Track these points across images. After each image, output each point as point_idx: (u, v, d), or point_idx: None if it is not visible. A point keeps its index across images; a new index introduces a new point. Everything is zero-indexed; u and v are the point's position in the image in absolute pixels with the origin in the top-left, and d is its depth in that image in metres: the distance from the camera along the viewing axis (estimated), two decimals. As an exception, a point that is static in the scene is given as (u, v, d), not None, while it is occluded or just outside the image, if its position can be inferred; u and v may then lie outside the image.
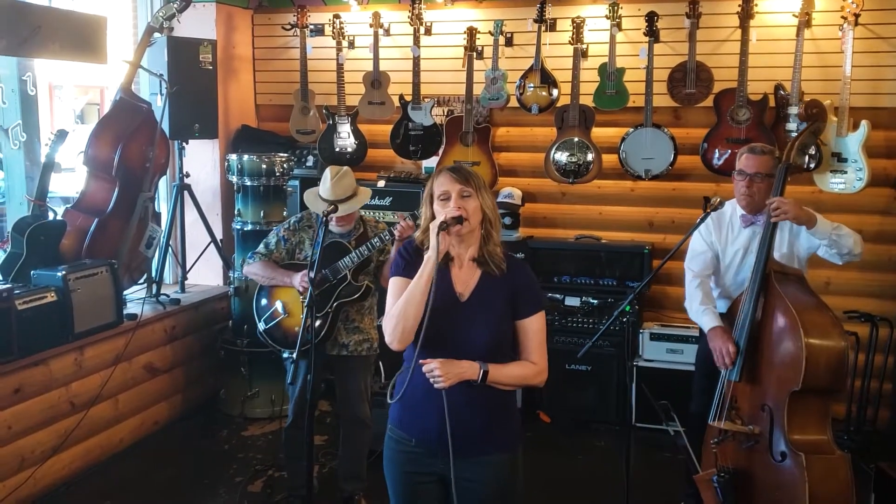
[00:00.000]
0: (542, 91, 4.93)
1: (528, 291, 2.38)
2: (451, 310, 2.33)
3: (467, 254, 2.38)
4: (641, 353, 4.81)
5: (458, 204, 2.29)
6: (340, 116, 5.25)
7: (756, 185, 3.33)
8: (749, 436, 3.11)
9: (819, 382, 2.99)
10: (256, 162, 4.82)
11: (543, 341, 2.39)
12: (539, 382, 2.40)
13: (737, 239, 3.45)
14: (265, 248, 3.70)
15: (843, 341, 3.03)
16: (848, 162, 4.47)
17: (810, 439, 3.03)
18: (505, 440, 2.40)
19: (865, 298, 4.70)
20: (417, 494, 2.41)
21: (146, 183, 4.54)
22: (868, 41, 4.54)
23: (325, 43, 5.36)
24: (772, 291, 3.12)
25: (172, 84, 4.65)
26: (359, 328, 3.69)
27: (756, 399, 3.12)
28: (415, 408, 2.37)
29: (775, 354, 3.07)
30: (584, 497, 4.02)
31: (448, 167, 2.38)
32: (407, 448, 2.40)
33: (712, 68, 4.71)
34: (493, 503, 2.39)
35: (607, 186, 5.12)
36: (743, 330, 3.14)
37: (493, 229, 2.37)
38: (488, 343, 2.32)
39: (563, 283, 4.99)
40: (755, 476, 3.08)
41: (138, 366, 4.56)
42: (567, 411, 4.92)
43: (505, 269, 2.37)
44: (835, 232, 3.22)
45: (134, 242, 4.58)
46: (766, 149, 3.39)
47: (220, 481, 4.16)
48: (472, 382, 2.27)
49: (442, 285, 2.34)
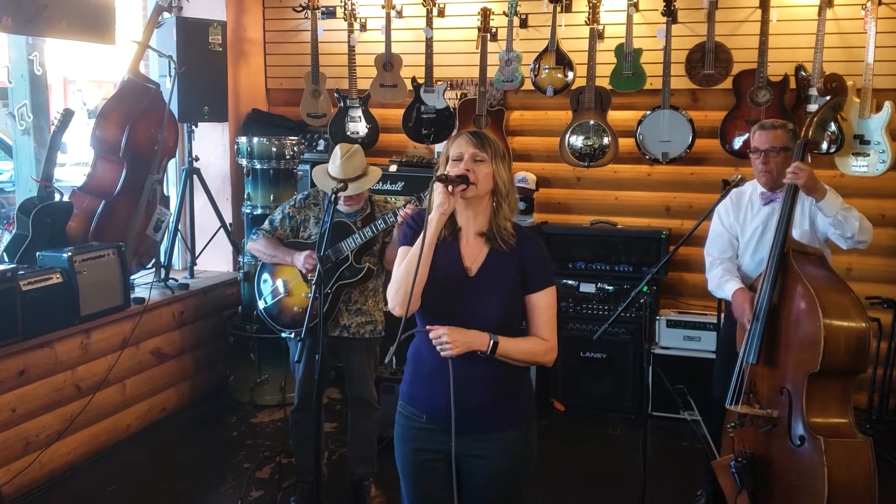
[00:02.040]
0: (557, 73, 4.83)
1: (538, 266, 2.28)
2: (459, 284, 2.25)
3: (475, 225, 2.28)
4: (658, 341, 4.72)
5: (468, 167, 2.21)
6: (352, 100, 5.17)
7: (772, 160, 3.25)
8: (767, 420, 3.01)
9: (838, 364, 2.89)
10: (266, 145, 4.75)
11: (553, 318, 2.30)
12: (548, 361, 2.31)
13: (756, 217, 3.37)
14: (270, 225, 3.64)
15: (863, 322, 2.93)
16: (871, 144, 4.36)
17: (830, 423, 2.92)
18: (516, 417, 2.31)
19: (888, 285, 4.58)
20: (428, 472, 2.33)
21: (154, 165, 4.48)
22: (892, 21, 4.42)
23: (336, 25, 5.28)
24: (790, 271, 3.02)
25: (181, 65, 4.58)
26: (361, 310, 3.62)
27: (774, 382, 3.03)
28: (424, 383, 2.30)
29: (793, 335, 2.97)
30: (600, 486, 3.93)
31: (468, 131, 2.30)
32: (417, 425, 2.32)
33: (731, 49, 4.61)
34: (504, 481, 2.31)
35: (623, 171, 5.02)
36: (761, 310, 3.04)
37: (505, 202, 2.26)
38: (496, 319, 2.23)
39: (578, 270, 4.90)
40: (773, 461, 2.98)
41: (146, 351, 4.50)
42: (582, 400, 4.83)
43: (514, 244, 2.26)
44: (842, 212, 3.12)
45: (142, 226, 4.52)
46: (776, 123, 3.31)
47: (228, 467, 4.09)
48: (480, 354, 2.19)
49: (450, 258, 2.27)
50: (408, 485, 2.39)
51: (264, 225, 3.67)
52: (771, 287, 3.03)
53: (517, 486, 2.35)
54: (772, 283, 3.03)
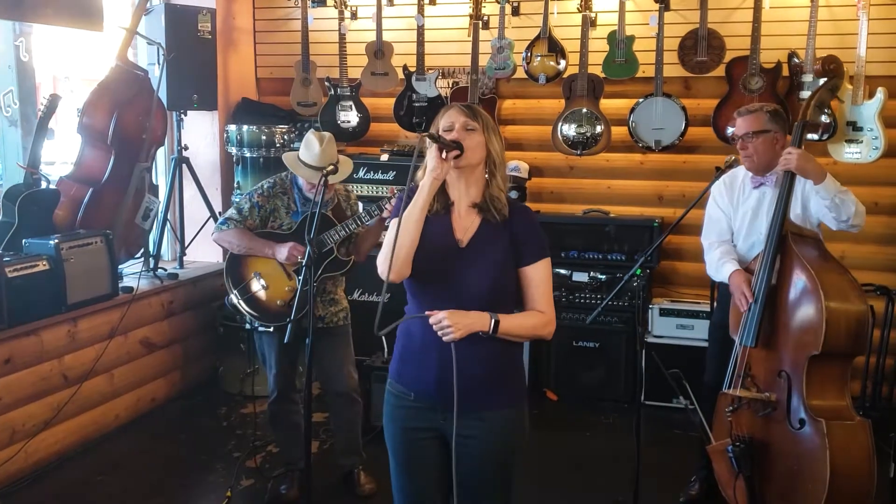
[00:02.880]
0: (549, 60, 4.80)
1: (530, 237, 2.24)
2: (450, 256, 2.22)
3: (468, 197, 2.25)
4: (651, 329, 4.70)
5: (460, 135, 2.18)
6: (343, 88, 5.13)
7: (751, 144, 3.24)
8: (766, 403, 3.00)
9: (839, 346, 2.89)
10: (256, 133, 4.71)
11: (549, 290, 2.27)
12: (548, 333, 2.28)
13: (746, 201, 3.37)
14: (238, 215, 3.48)
15: (863, 304, 2.94)
16: (863, 131, 4.35)
17: (830, 405, 2.91)
18: (508, 395, 2.28)
19: (881, 272, 4.58)
20: (417, 452, 2.30)
21: (143, 153, 4.43)
22: (885, 7, 4.41)
23: (327, 14, 5.23)
24: (789, 253, 3.01)
25: (170, 52, 4.53)
26: (334, 299, 3.58)
27: (772, 365, 3.01)
28: (412, 361, 2.27)
29: (793, 318, 2.96)
30: (594, 474, 3.91)
31: (459, 103, 2.28)
32: (406, 403, 2.29)
33: (724, 36, 4.59)
34: (496, 459, 2.28)
35: (616, 160, 5.00)
36: (760, 292, 3.02)
37: (498, 172, 2.24)
38: (488, 291, 2.19)
39: (570, 259, 4.87)
40: (772, 445, 2.97)
41: (134, 340, 4.45)
42: (575, 389, 4.81)
43: (507, 215, 2.23)
44: (840, 195, 3.12)
45: (130, 214, 4.46)
46: (752, 107, 3.31)
47: (217, 457, 4.05)
48: (482, 334, 2.15)
49: (442, 230, 2.24)
50: (398, 464, 2.35)
51: (231, 214, 3.50)
52: (769, 270, 3.02)
53: (509, 465, 2.32)
54: (770, 265, 3.02)
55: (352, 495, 3.68)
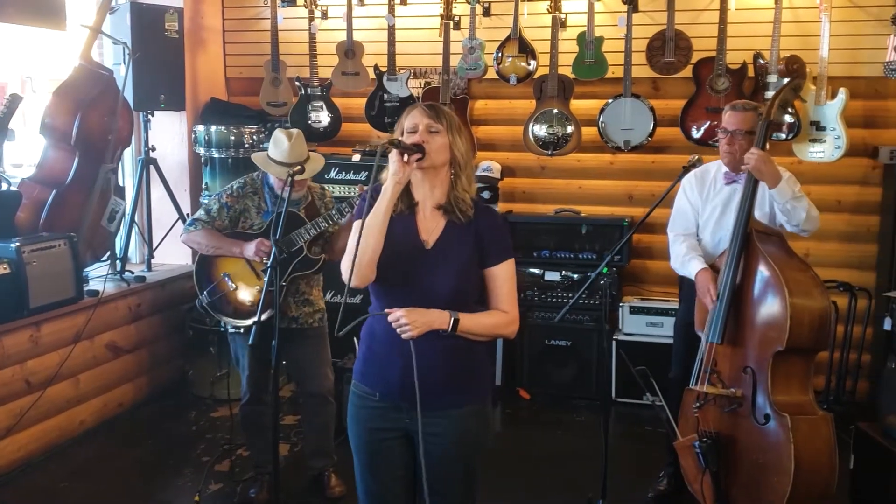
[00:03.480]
0: (520, 61, 4.82)
1: (495, 238, 2.25)
2: (416, 257, 2.21)
3: (433, 198, 2.24)
4: (621, 327, 4.74)
5: (423, 137, 2.17)
6: (313, 88, 5.09)
7: (738, 142, 3.27)
8: (731, 399, 3.02)
9: (803, 342, 2.93)
10: (225, 133, 4.67)
11: (513, 289, 2.28)
12: (510, 333, 2.29)
13: (717, 195, 3.40)
14: (207, 215, 3.44)
15: (826, 300, 2.99)
16: (826, 130, 4.43)
17: (794, 400, 2.96)
18: (473, 392, 2.28)
19: (844, 269, 4.66)
20: (382, 452, 2.28)
21: (108, 154, 4.36)
22: (846, 10, 4.50)
23: (297, 13, 5.20)
24: (753, 251, 3.05)
25: (135, 52, 4.46)
26: (308, 300, 3.54)
27: (738, 361, 3.05)
28: (376, 361, 2.26)
29: (758, 315, 3.00)
30: (565, 472, 3.92)
31: (424, 103, 2.27)
32: (370, 403, 2.28)
33: (691, 37, 4.64)
34: (460, 457, 2.28)
35: (587, 160, 5.03)
36: (725, 290, 3.05)
37: (463, 173, 2.23)
38: (453, 292, 2.19)
39: (542, 258, 4.90)
40: (738, 440, 3.00)
41: (100, 344, 4.37)
42: (547, 387, 4.83)
43: (472, 216, 2.23)
44: (791, 201, 3.15)
45: (95, 216, 4.39)
46: (748, 105, 3.32)
47: (186, 462, 4.00)
48: (441, 332, 2.15)
49: (407, 231, 2.23)
50: (362, 464, 2.34)
51: (200, 215, 3.46)
52: (734, 267, 3.05)
53: (474, 462, 2.33)
54: (735, 262, 3.05)
55: (322, 497, 3.65)
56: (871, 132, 4.65)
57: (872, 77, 4.53)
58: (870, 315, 4.58)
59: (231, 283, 3.52)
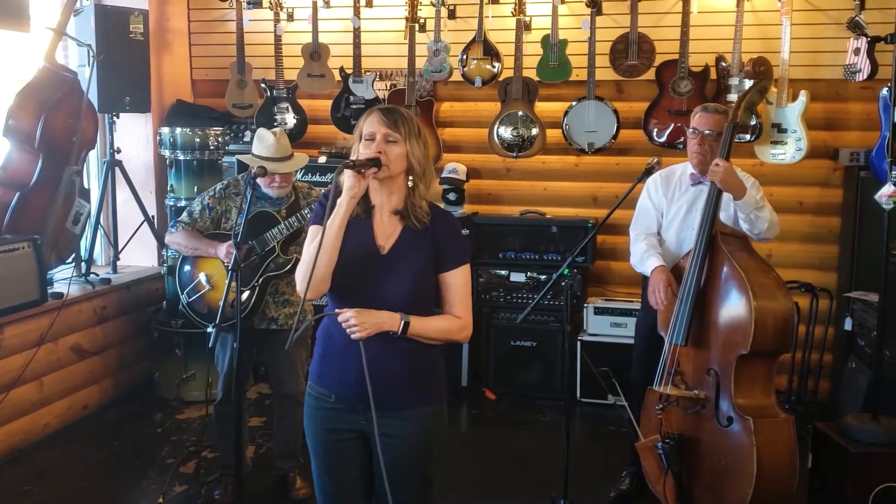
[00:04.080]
0: (485, 64, 4.85)
1: (451, 243, 2.26)
2: (371, 262, 2.23)
3: (390, 204, 2.25)
4: (586, 328, 4.78)
5: (380, 148, 2.17)
6: (279, 90, 5.10)
7: (708, 143, 3.31)
8: (695, 401, 3.06)
9: (767, 345, 2.98)
10: (189, 135, 4.66)
11: (467, 295, 2.30)
12: (463, 338, 2.31)
13: (682, 196, 3.44)
14: (188, 217, 3.52)
15: (789, 302, 3.04)
16: (787, 132, 4.49)
17: (756, 403, 3.00)
18: (427, 393, 2.30)
19: (806, 270, 4.72)
20: (338, 453, 2.30)
21: (72, 156, 4.34)
22: (807, 13, 4.56)
23: (263, 15, 5.20)
24: (718, 253, 3.08)
25: (100, 54, 4.45)
26: (289, 301, 3.56)
27: (701, 363, 3.08)
28: (332, 363, 2.27)
29: (723, 318, 3.03)
30: (529, 472, 3.95)
31: (383, 107, 2.25)
32: (327, 405, 2.29)
33: (654, 40, 4.68)
34: (415, 459, 2.30)
35: (552, 162, 5.07)
36: (689, 291, 3.09)
37: (421, 182, 2.24)
38: (408, 297, 2.21)
39: (508, 259, 4.93)
40: (701, 441, 3.04)
41: (65, 347, 4.36)
42: (513, 387, 4.87)
43: (427, 222, 2.25)
44: (755, 212, 3.20)
45: (60, 219, 4.37)
46: (719, 108, 3.38)
47: (150, 464, 3.99)
48: (391, 334, 2.17)
49: (363, 236, 2.24)
50: (319, 466, 2.36)
51: (182, 217, 3.55)
52: (699, 269, 3.08)
53: (428, 463, 2.35)
54: (700, 264, 3.08)
55: (286, 499, 3.66)
56: (832, 134, 4.72)
57: (833, 80, 4.60)
58: (831, 315, 4.65)
59: (207, 283, 3.55)
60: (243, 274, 3.42)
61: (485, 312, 4.92)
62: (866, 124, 4.59)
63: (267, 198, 3.48)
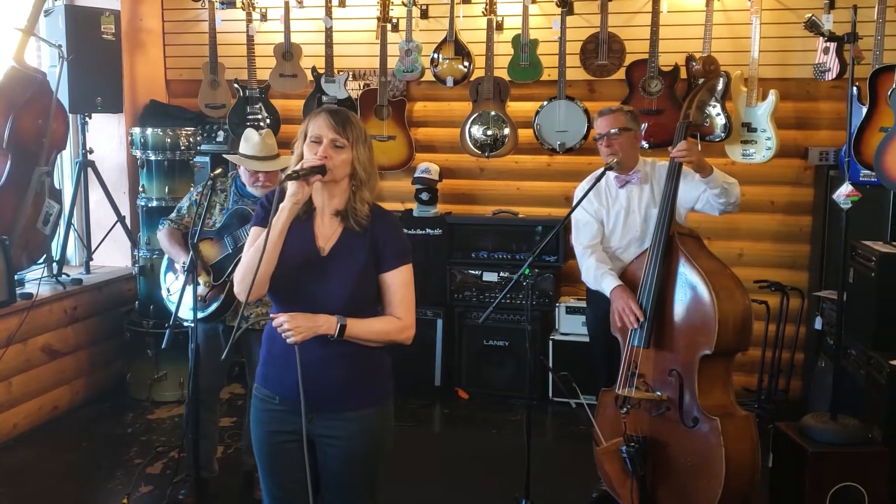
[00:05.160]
0: (456, 63, 4.85)
1: (391, 244, 2.26)
2: (311, 264, 2.22)
3: (331, 206, 2.25)
4: (558, 327, 4.78)
5: (325, 153, 2.15)
6: (251, 90, 5.10)
7: (615, 142, 3.34)
8: (659, 403, 3.06)
9: (729, 345, 2.99)
10: (161, 135, 4.66)
11: (408, 296, 2.29)
12: (404, 339, 2.30)
13: (616, 201, 3.45)
14: (176, 214, 3.58)
15: (747, 300, 3.05)
16: (757, 132, 4.50)
17: (719, 402, 3.02)
18: (371, 395, 2.30)
19: (778, 269, 4.73)
20: (283, 455, 2.30)
21: (42, 157, 4.34)
22: (777, 12, 4.57)
23: (237, 15, 5.19)
24: (676, 254, 3.08)
25: (70, 54, 4.45)
26: (261, 300, 3.55)
27: (662, 364, 3.08)
28: (277, 364, 2.27)
29: (684, 319, 3.03)
30: (496, 471, 3.95)
31: (331, 109, 2.24)
32: (271, 406, 2.30)
33: (625, 40, 4.69)
34: (360, 460, 2.30)
35: (525, 161, 5.07)
36: (649, 294, 3.08)
37: (365, 187, 2.23)
38: (348, 299, 2.21)
39: (480, 259, 4.94)
40: (666, 444, 3.04)
41: (34, 347, 4.35)
42: (485, 387, 4.88)
43: (368, 224, 2.24)
44: (724, 183, 3.23)
45: (30, 220, 4.37)
46: (613, 107, 3.45)
47: (118, 464, 4.00)
48: (329, 338, 2.17)
49: (303, 238, 2.23)
50: (264, 468, 2.36)
51: (171, 214, 3.60)
52: (657, 271, 3.07)
53: (374, 465, 2.35)
54: (658, 267, 3.08)
55: (251, 499, 3.65)
56: (803, 133, 4.72)
57: (803, 79, 4.61)
58: (802, 314, 4.66)
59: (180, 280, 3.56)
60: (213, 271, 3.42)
61: (457, 312, 4.93)
62: (837, 123, 4.60)
63: (252, 196, 3.49)
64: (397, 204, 5.23)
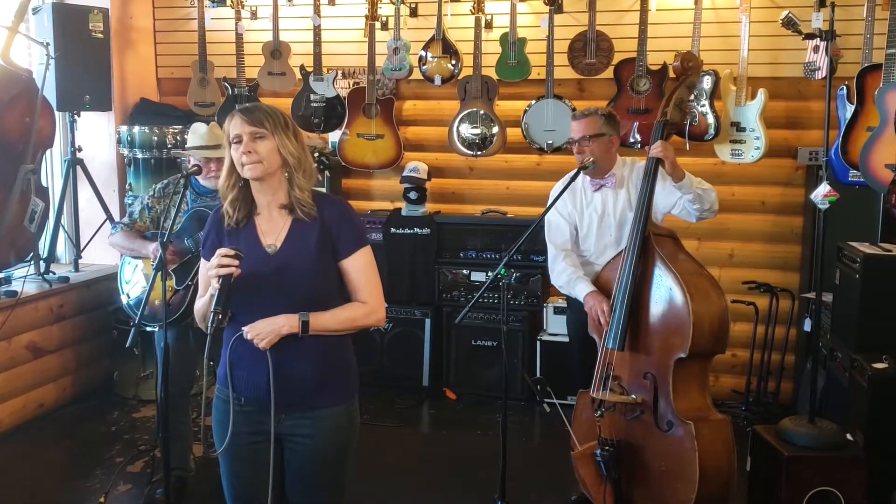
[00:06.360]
0: (444, 62, 4.83)
1: (343, 230, 2.23)
2: (262, 266, 2.19)
3: (276, 200, 2.23)
4: (546, 328, 4.75)
5: (248, 148, 2.14)
6: (240, 88, 5.09)
7: (587, 147, 3.31)
8: (633, 406, 3.02)
9: (705, 347, 2.95)
10: (148, 133, 4.67)
11: (372, 278, 2.27)
12: (374, 322, 2.28)
13: (590, 204, 3.43)
14: (129, 218, 3.57)
15: (723, 302, 3.01)
16: (746, 131, 4.44)
17: (695, 405, 2.98)
18: (339, 392, 2.29)
19: (768, 270, 4.67)
20: (249, 456, 2.28)
21: (28, 155, 4.35)
22: (766, 10, 4.50)
23: (227, 14, 5.17)
24: (652, 255, 3.04)
25: (57, 52, 4.45)
26: None
27: (637, 367, 3.04)
28: (242, 365, 2.24)
29: (659, 322, 3.00)
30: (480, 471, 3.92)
31: (243, 107, 2.22)
32: (235, 407, 2.26)
33: (613, 39, 4.64)
34: (328, 459, 2.29)
35: (515, 161, 5.04)
36: (623, 296, 3.05)
37: (298, 172, 2.20)
38: (308, 293, 2.19)
39: (469, 259, 4.91)
40: (641, 447, 3.01)
41: (19, 345, 4.36)
42: (473, 387, 4.85)
43: (315, 213, 2.22)
44: (699, 186, 3.18)
45: (17, 218, 4.38)
46: (587, 111, 3.41)
47: (98, 462, 3.99)
48: (296, 335, 2.15)
49: (249, 244, 2.21)
50: (229, 470, 2.34)
51: (123, 219, 3.60)
52: (632, 273, 3.04)
53: (341, 463, 2.33)
54: (633, 268, 3.04)
55: (227, 499, 3.65)
56: (795, 133, 4.66)
57: (794, 78, 4.55)
58: (792, 316, 4.60)
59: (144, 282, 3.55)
60: (178, 273, 3.42)
61: (445, 312, 4.90)
62: (828, 123, 4.53)
63: (209, 193, 3.48)
64: (386, 203, 5.21)
